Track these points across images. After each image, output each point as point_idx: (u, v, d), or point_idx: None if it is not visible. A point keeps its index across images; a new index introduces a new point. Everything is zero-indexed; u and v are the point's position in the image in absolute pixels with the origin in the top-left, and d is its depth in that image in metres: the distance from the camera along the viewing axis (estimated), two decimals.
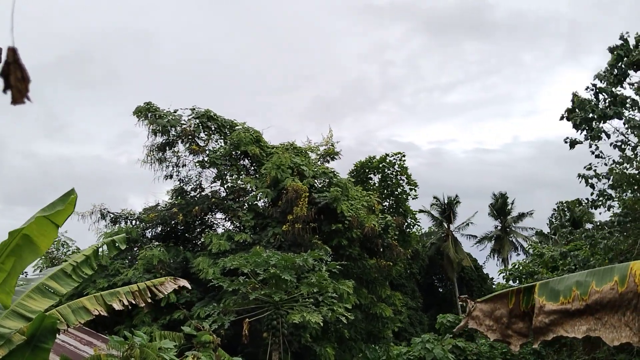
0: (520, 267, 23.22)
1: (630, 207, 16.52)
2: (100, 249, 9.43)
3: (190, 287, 10.23)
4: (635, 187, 16.21)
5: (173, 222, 28.56)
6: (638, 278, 3.51)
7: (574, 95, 17.60)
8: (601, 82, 17.33)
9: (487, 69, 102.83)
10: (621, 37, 17.41)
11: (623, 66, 17.11)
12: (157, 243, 27.29)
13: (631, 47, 17.16)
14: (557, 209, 36.69)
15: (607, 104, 16.98)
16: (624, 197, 16.98)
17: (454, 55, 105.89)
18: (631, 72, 17.31)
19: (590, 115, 16.88)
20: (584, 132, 17.36)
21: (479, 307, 4.97)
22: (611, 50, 17.41)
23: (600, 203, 17.31)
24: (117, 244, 9.56)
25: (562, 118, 17.79)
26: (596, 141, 17.26)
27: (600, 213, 17.87)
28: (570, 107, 17.63)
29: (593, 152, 17.52)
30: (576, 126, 17.23)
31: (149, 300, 9.20)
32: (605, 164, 17.26)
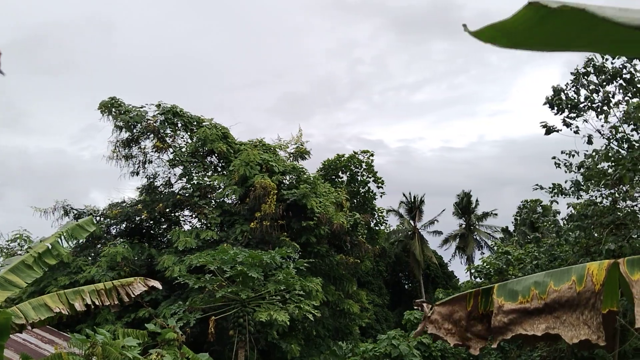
0: (488, 265, 23.38)
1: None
2: (63, 235, 9.16)
3: (161, 288, 10.06)
4: (603, 182, 16.20)
5: (138, 218, 28.11)
6: (595, 278, 3.63)
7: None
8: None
9: (454, 69, 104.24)
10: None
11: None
12: (121, 240, 26.83)
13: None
14: (522, 207, 37.58)
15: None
16: (597, 190, 16.89)
17: (422, 55, 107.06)
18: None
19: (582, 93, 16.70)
20: (564, 113, 17.08)
21: (437, 310, 4.93)
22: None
23: (572, 191, 17.27)
24: (84, 227, 9.35)
25: (545, 103, 17.58)
26: (577, 120, 17.03)
27: (572, 201, 17.79)
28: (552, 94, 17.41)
29: (573, 151, 17.24)
30: (562, 102, 16.89)
31: (116, 301, 9.01)
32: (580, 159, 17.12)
